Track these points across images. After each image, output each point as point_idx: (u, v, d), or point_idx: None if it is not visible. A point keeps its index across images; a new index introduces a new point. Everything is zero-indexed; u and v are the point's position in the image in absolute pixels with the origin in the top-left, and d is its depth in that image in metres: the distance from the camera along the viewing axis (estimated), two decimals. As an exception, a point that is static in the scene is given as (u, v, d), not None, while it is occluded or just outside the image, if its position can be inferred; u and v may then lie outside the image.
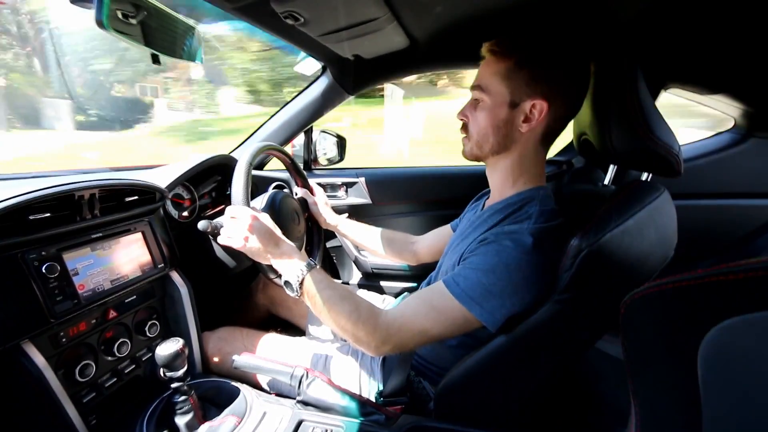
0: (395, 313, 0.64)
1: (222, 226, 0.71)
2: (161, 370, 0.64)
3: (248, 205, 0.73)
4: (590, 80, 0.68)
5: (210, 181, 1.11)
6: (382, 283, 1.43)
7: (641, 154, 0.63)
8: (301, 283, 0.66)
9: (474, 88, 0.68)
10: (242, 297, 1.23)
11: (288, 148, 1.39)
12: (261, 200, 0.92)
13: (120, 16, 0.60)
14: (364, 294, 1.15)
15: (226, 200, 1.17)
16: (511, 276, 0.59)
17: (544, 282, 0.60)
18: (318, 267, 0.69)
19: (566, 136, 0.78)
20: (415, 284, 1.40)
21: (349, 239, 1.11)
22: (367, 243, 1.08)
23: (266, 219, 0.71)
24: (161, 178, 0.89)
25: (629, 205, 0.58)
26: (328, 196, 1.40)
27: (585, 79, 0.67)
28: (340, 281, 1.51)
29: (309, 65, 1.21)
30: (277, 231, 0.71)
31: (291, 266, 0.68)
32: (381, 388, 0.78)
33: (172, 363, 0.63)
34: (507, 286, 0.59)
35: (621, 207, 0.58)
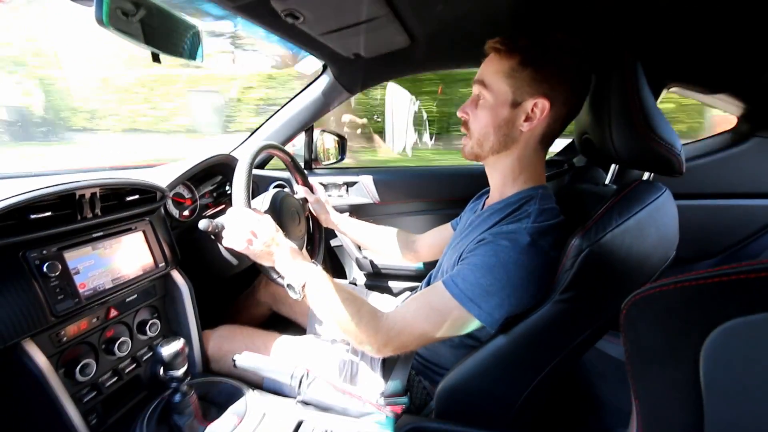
0: (396, 315, 0.64)
1: (223, 226, 0.71)
2: (161, 369, 0.64)
3: (249, 205, 0.73)
4: (592, 81, 0.67)
5: (211, 180, 1.11)
6: (384, 282, 1.43)
7: (643, 154, 0.63)
8: (304, 286, 0.66)
9: (476, 83, 0.68)
10: (244, 295, 1.23)
11: (289, 148, 1.39)
12: (262, 200, 0.92)
13: (120, 14, 0.59)
14: (365, 293, 1.15)
15: (227, 199, 1.17)
16: (509, 276, 0.58)
17: (543, 281, 0.60)
18: (320, 268, 0.69)
19: (566, 137, 0.77)
20: (416, 283, 1.40)
21: (350, 238, 1.11)
22: (368, 241, 1.08)
23: (268, 221, 0.71)
24: (162, 178, 0.89)
25: (630, 204, 0.58)
26: (329, 196, 1.40)
27: (587, 79, 0.66)
28: (341, 280, 1.51)
29: (309, 64, 1.21)
30: (279, 233, 0.71)
31: (293, 268, 0.68)
32: (381, 388, 0.78)
33: (172, 362, 0.63)
34: (505, 286, 0.59)
35: (622, 206, 0.58)
